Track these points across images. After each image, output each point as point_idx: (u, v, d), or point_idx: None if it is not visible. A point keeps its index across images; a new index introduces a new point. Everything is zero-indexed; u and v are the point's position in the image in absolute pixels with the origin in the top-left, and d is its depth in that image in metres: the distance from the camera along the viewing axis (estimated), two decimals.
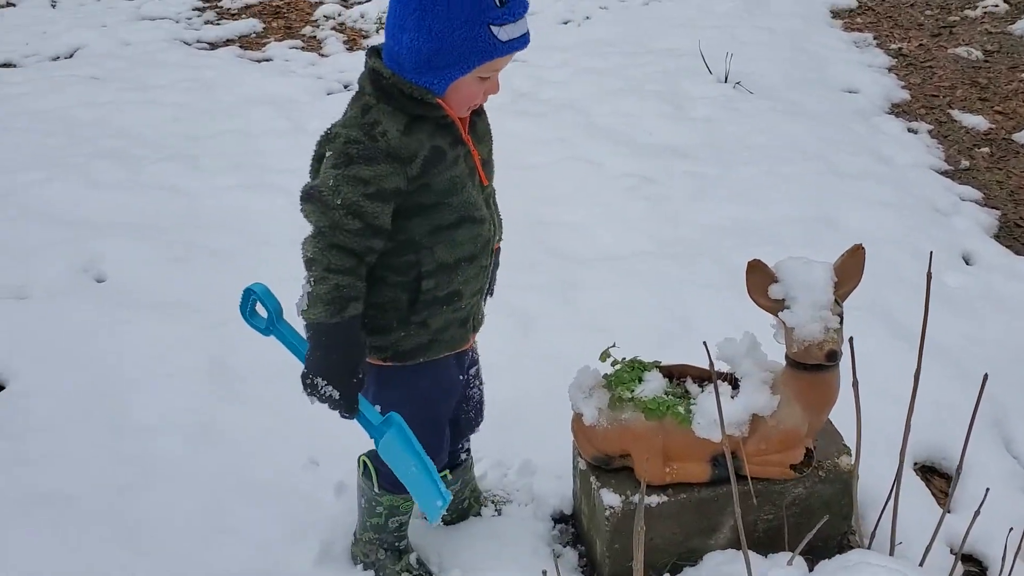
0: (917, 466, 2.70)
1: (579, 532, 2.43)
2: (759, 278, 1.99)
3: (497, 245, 2.06)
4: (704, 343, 1.69)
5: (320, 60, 6.32)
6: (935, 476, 2.69)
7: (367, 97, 1.76)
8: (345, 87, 5.81)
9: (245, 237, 3.84)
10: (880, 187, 4.25)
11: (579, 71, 5.76)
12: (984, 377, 1.55)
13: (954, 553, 2.14)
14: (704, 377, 2.18)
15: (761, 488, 2.14)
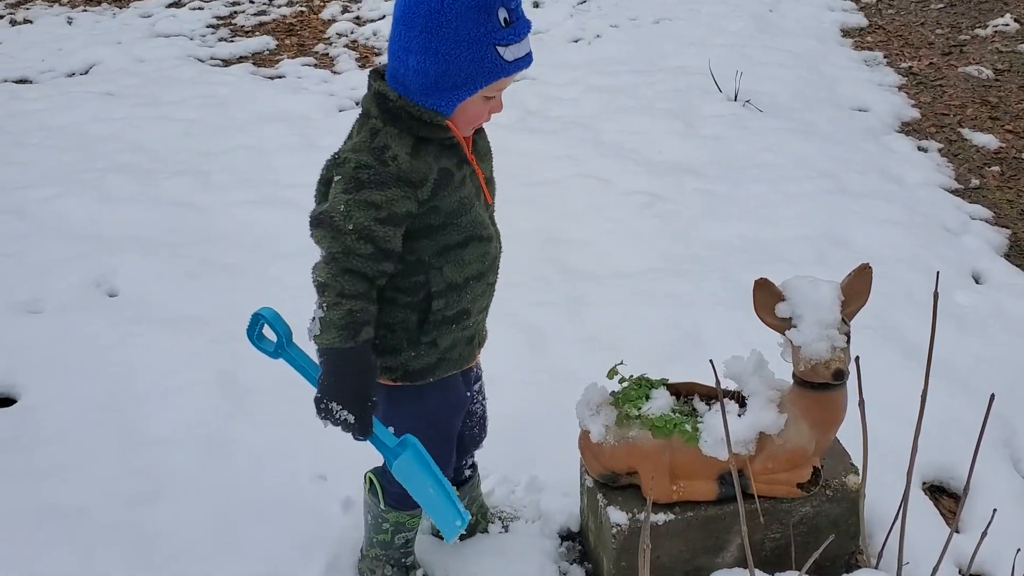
0: (926, 485, 2.69)
1: (586, 549, 2.43)
2: (766, 296, 2.00)
3: None
4: (711, 361, 1.70)
5: (332, 77, 6.37)
6: (943, 495, 2.68)
7: (374, 120, 1.75)
8: (357, 104, 5.84)
9: (257, 252, 3.87)
10: (890, 206, 4.25)
11: (589, 89, 5.79)
12: (991, 397, 1.55)
13: (962, 573, 2.13)
14: (712, 395, 2.19)
15: (768, 507, 2.14)
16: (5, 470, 2.68)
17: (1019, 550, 2.02)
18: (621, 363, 2.25)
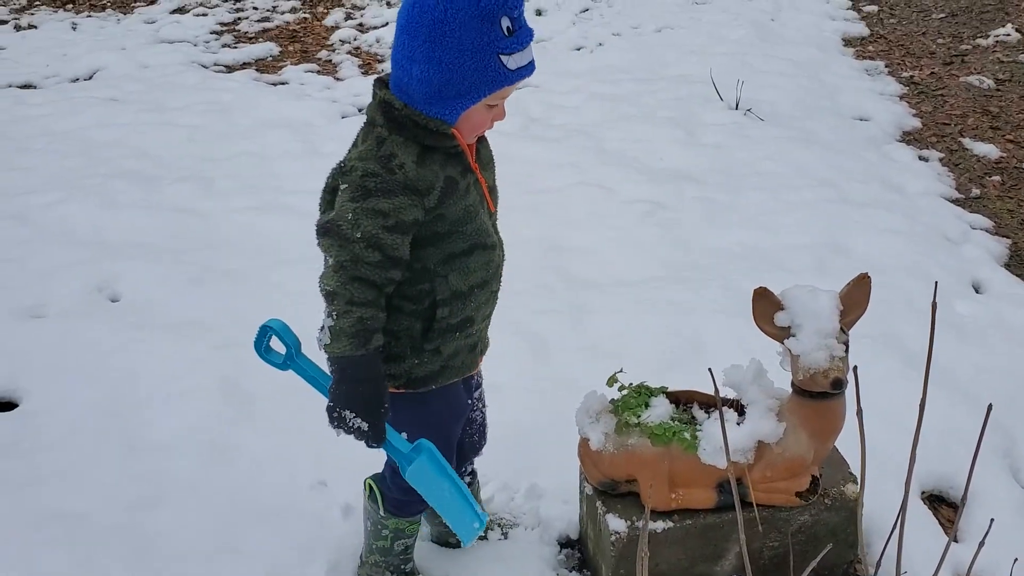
0: (925, 495, 2.70)
1: (585, 557, 2.44)
2: (765, 306, 2.01)
3: None
4: (710, 370, 1.70)
5: (335, 84, 6.39)
6: (943, 505, 2.68)
7: (379, 129, 1.76)
8: (360, 111, 5.87)
9: (259, 258, 3.88)
10: (890, 215, 4.26)
11: (591, 97, 5.80)
12: (988, 407, 1.55)
13: None
14: (711, 403, 2.19)
15: (767, 515, 2.15)
16: (6, 475, 2.69)
17: (1016, 560, 2.02)
18: (621, 371, 2.26)
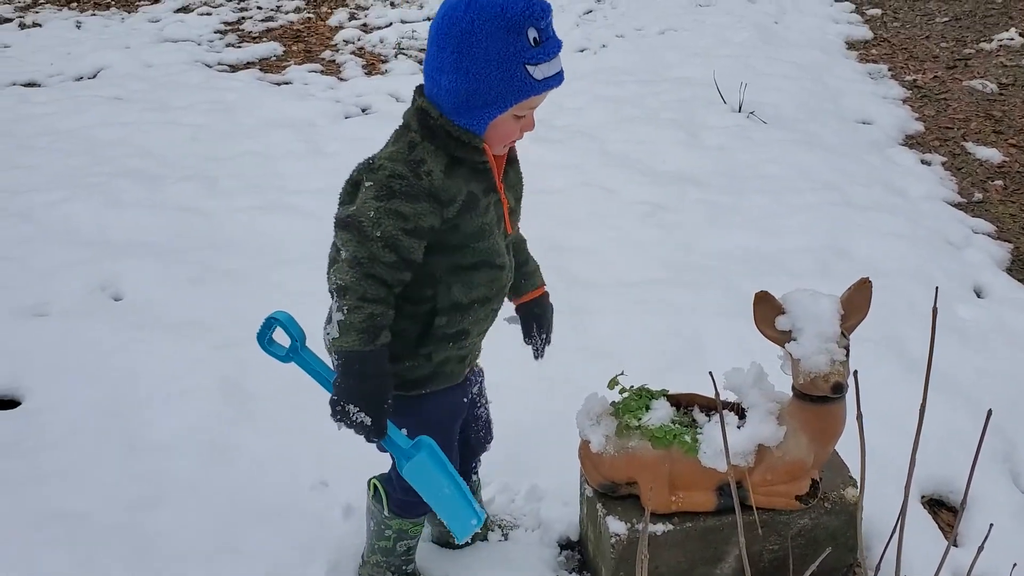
0: (925, 499, 2.70)
1: (585, 559, 2.44)
2: (766, 309, 2.01)
3: (541, 290, 2.15)
4: (710, 373, 1.71)
5: (339, 84, 6.40)
6: (943, 509, 2.68)
7: (412, 134, 1.78)
8: (363, 111, 5.88)
9: (262, 258, 3.89)
10: (893, 218, 4.26)
11: (595, 99, 5.81)
12: (988, 412, 1.56)
13: None
14: (711, 406, 2.20)
15: (767, 518, 2.15)
16: (8, 473, 2.69)
17: (1015, 565, 2.03)
18: (622, 373, 2.26)
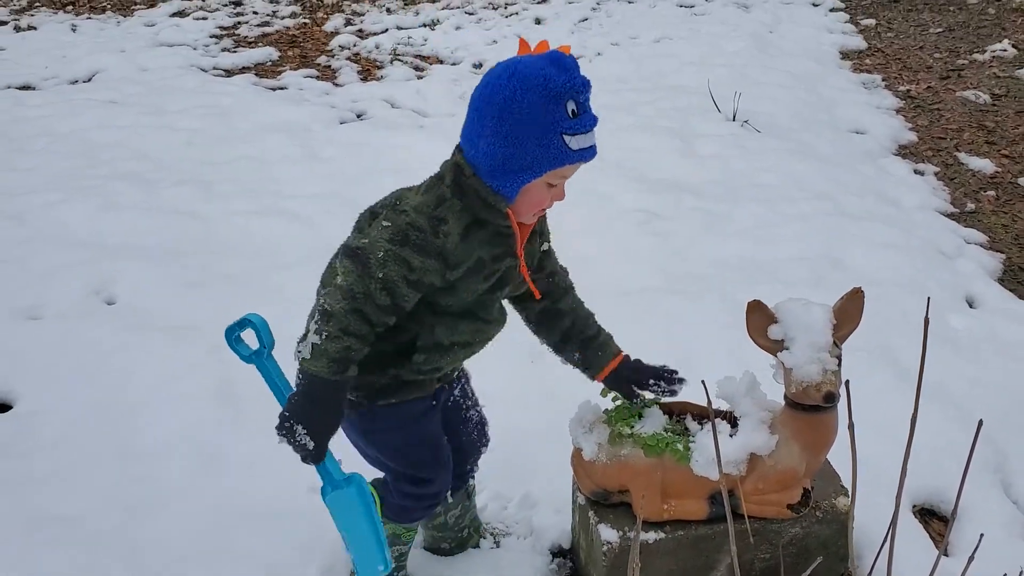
0: (916, 508, 2.71)
1: (577, 566, 2.45)
2: (759, 318, 2.02)
3: (620, 358, 2.19)
4: (703, 382, 1.72)
5: (334, 89, 6.41)
6: (933, 519, 2.69)
7: (444, 188, 1.80)
8: (358, 116, 5.89)
9: (257, 262, 3.89)
10: (886, 228, 4.28)
11: None
12: (979, 423, 1.57)
13: None
14: (704, 415, 2.21)
15: (758, 527, 2.16)
16: (2, 476, 2.69)
17: (1005, 574, 2.04)
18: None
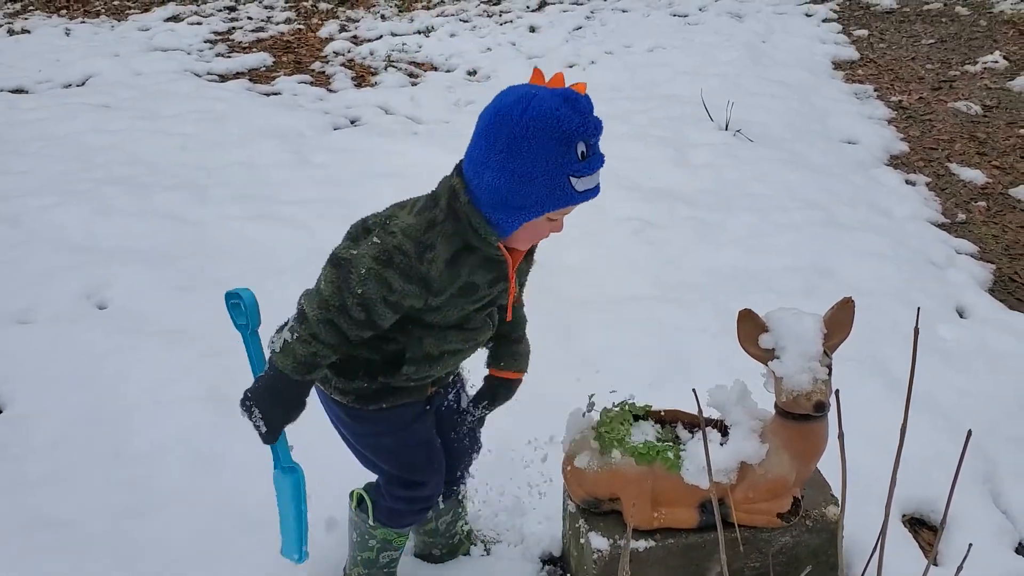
0: (905, 518, 2.72)
1: (567, 574, 2.45)
2: (750, 327, 2.03)
3: (519, 375, 2.13)
4: (693, 390, 1.72)
5: (328, 95, 6.42)
6: (923, 528, 2.70)
7: (438, 211, 1.77)
8: (352, 122, 5.90)
9: (250, 266, 3.89)
10: (877, 238, 4.30)
11: None
12: (968, 433, 1.58)
13: None
14: (695, 423, 2.21)
15: (748, 536, 2.17)
16: None
17: None
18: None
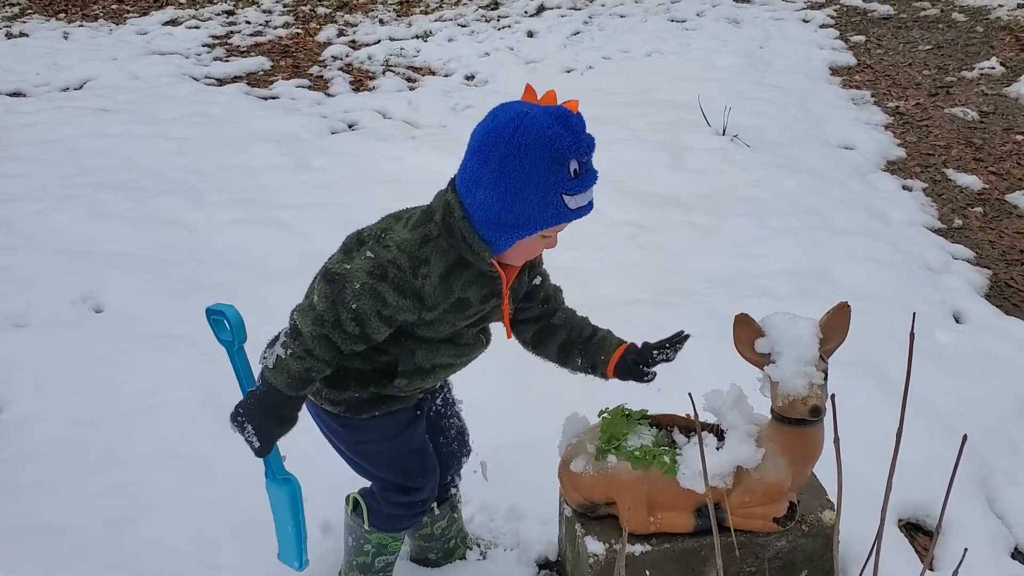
0: (901, 523, 2.71)
1: None
2: (746, 332, 2.02)
3: (623, 347, 2.13)
4: (689, 395, 1.72)
5: (326, 99, 6.42)
6: (919, 533, 2.70)
7: (432, 226, 1.77)
8: (350, 127, 5.89)
9: (245, 271, 3.88)
10: (874, 244, 4.30)
11: None
12: (963, 438, 1.57)
13: None
14: (691, 428, 2.21)
15: (744, 540, 2.16)
16: None
17: None
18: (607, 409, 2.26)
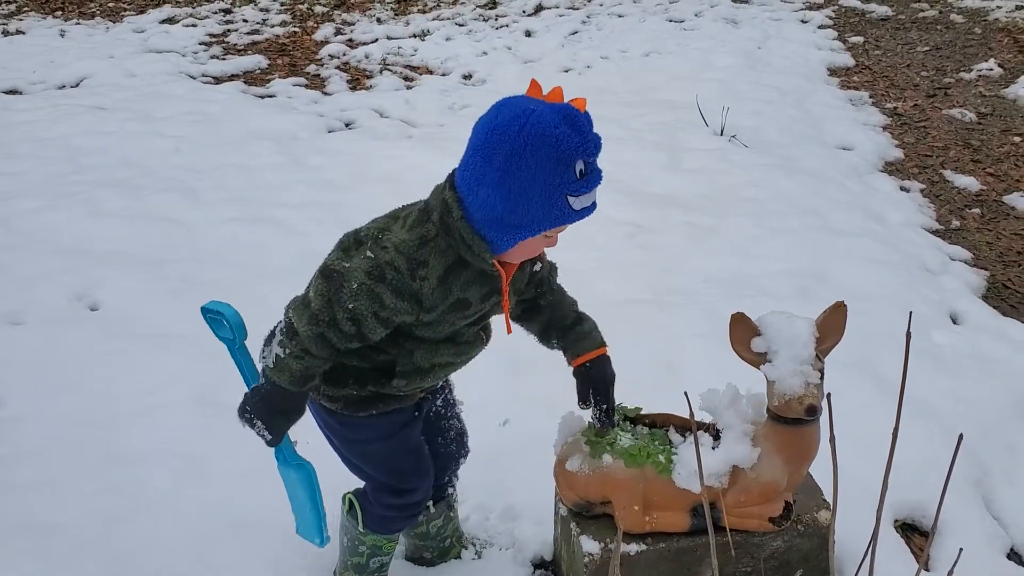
0: (897, 523, 2.71)
1: None
2: (742, 331, 2.02)
3: (600, 351, 2.13)
4: (685, 394, 1.71)
5: (323, 98, 6.41)
6: (915, 533, 2.70)
7: (430, 226, 1.74)
8: (347, 125, 5.89)
9: (242, 269, 3.88)
10: (871, 244, 4.30)
11: None
12: (959, 437, 1.57)
13: None
14: (687, 427, 2.20)
15: (740, 540, 2.16)
16: None
17: None
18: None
